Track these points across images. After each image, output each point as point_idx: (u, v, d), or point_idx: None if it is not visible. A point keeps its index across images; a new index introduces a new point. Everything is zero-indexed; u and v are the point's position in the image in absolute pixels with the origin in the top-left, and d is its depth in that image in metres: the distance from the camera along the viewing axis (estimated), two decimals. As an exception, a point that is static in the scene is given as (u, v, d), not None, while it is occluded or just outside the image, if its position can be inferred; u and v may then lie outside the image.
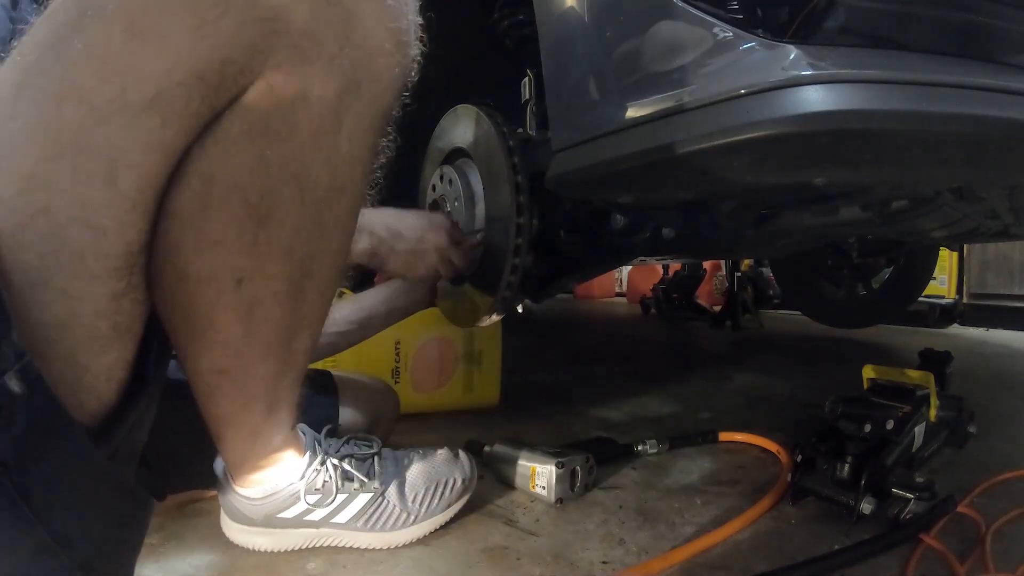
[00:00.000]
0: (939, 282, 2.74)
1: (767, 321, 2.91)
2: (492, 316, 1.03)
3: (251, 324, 0.48)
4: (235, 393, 0.54)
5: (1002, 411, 1.26)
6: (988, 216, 1.00)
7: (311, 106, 0.42)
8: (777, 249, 1.49)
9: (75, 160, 0.35)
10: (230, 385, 0.53)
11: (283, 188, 0.44)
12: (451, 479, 0.74)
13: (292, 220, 0.45)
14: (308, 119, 0.42)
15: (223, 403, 0.54)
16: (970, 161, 0.65)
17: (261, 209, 0.43)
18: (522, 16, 0.93)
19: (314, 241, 0.48)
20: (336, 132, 0.44)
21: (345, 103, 0.43)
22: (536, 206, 0.94)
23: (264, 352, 0.51)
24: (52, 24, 0.36)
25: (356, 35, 0.42)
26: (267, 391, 0.55)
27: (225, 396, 0.54)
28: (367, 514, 0.68)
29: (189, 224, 0.42)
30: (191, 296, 0.45)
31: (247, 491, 0.64)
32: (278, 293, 0.48)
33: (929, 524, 0.68)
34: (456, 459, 0.76)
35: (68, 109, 0.35)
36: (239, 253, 0.44)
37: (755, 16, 0.57)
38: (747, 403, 1.40)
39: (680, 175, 0.69)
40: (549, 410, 1.31)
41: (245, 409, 0.56)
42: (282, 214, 0.45)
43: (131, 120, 0.36)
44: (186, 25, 0.35)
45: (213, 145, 0.40)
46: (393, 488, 0.70)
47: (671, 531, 0.73)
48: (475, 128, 0.99)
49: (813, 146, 0.56)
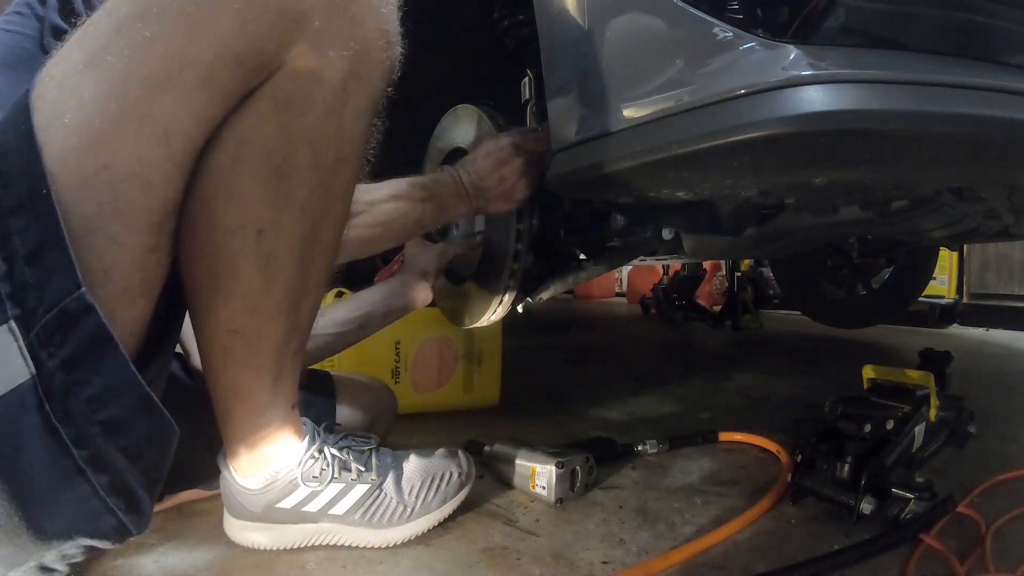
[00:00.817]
0: (939, 282, 2.74)
1: (767, 321, 2.92)
2: (492, 316, 1.03)
3: (267, 277, 0.55)
4: (247, 357, 0.59)
5: (1002, 411, 1.26)
6: (988, 216, 1.00)
7: (324, 87, 0.51)
8: (777, 249, 1.49)
9: (138, 126, 0.44)
10: (244, 347, 0.58)
11: (300, 152, 0.52)
12: (448, 472, 0.74)
13: (307, 181, 0.54)
14: (322, 97, 0.51)
15: (234, 369, 0.59)
16: (970, 161, 0.65)
17: (283, 169, 0.52)
18: (522, 16, 0.93)
19: (323, 204, 0.56)
20: (342, 110, 0.53)
21: (349, 87, 0.52)
22: (536, 207, 0.94)
23: (276, 310, 0.57)
24: (116, 17, 0.45)
25: (359, 33, 0.51)
26: (275, 358, 0.60)
27: (237, 361, 0.59)
28: (364, 506, 0.68)
29: (223, 179, 0.51)
30: (218, 246, 0.53)
31: (247, 480, 0.65)
32: (292, 249, 0.55)
33: (929, 524, 0.68)
34: (454, 456, 0.77)
35: (134, 85, 0.44)
36: (263, 206, 0.53)
37: (755, 16, 0.57)
38: (747, 403, 1.40)
39: (680, 175, 0.69)
40: (549, 410, 1.31)
41: (254, 378, 0.60)
42: (299, 175, 0.53)
43: (185, 95, 0.45)
44: (233, 22, 0.45)
45: (246, 116, 0.49)
46: (390, 480, 0.71)
47: (671, 531, 0.73)
48: (475, 128, 0.99)
49: (813, 146, 0.56)
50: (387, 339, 1.21)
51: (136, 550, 0.68)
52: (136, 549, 0.68)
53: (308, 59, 0.49)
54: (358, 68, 0.52)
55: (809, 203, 0.93)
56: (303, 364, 0.66)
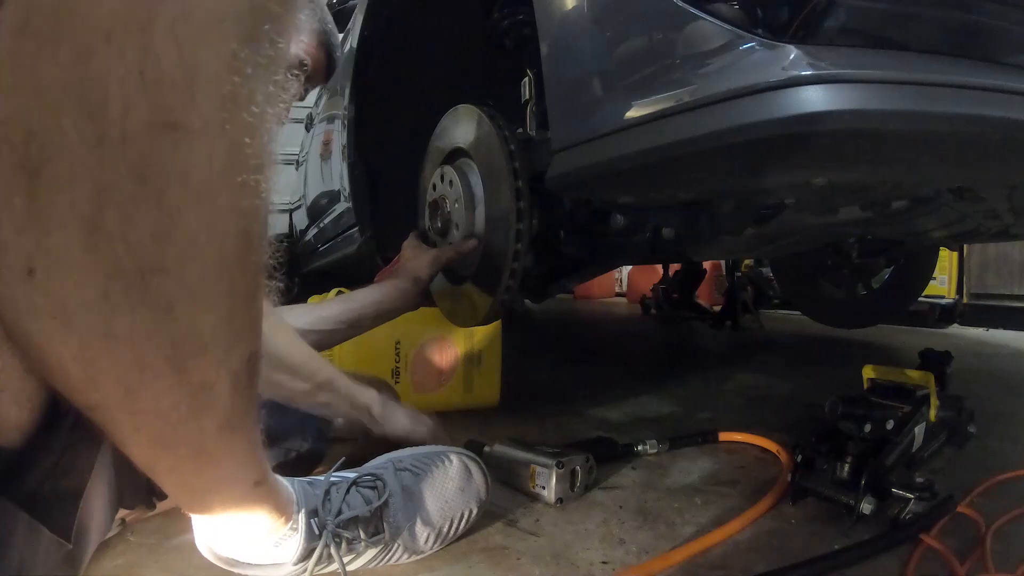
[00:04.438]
0: (939, 282, 2.75)
1: (767, 321, 2.91)
2: (492, 316, 1.03)
3: (81, 340, 0.31)
4: (129, 435, 0.36)
5: (1002, 411, 1.26)
6: (988, 216, 1.00)
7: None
8: (777, 249, 1.49)
9: None
10: (114, 427, 0.36)
11: (63, 120, 0.27)
12: (465, 511, 0.69)
13: (88, 174, 0.28)
14: (89, 10, 0.26)
15: (127, 446, 0.37)
16: (970, 161, 0.65)
17: (31, 155, 0.27)
18: (522, 16, 0.93)
19: (142, 212, 0.29)
20: (147, 32, 0.27)
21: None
22: (536, 207, 0.94)
23: (131, 383, 0.33)
24: None
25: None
26: (179, 436, 0.37)
27: (121, 438, 0.37)
28: (375, 562, 0.63)
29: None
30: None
31: (221, 549, 0.55)
32: (107, 293, 0.30)
33: (929, 524, 0.68)
34: (470, 477, 0.71)
35: None
36: (11, 225, 0.28)
37: (755, 16, 0.57)
38: (747, 403, 1.40)
39: (680, 175, 0.69)
40: (549, 410, 1.31)
41: (162, 455, 0.39)
42: (69, 164, 0.27)
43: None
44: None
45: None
46: (404, 534, 0.64)
47: (671, 531, 0.73)
48: (475, 128, 0.99)
49: (813, 146, 0.56)
50: (387, 339, 1.21)
51: (136, 550, 0.68)
52: (136, 549, 0.68)
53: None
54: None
55: (809, 203, 0.93)
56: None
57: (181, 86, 0.28)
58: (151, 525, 0.74)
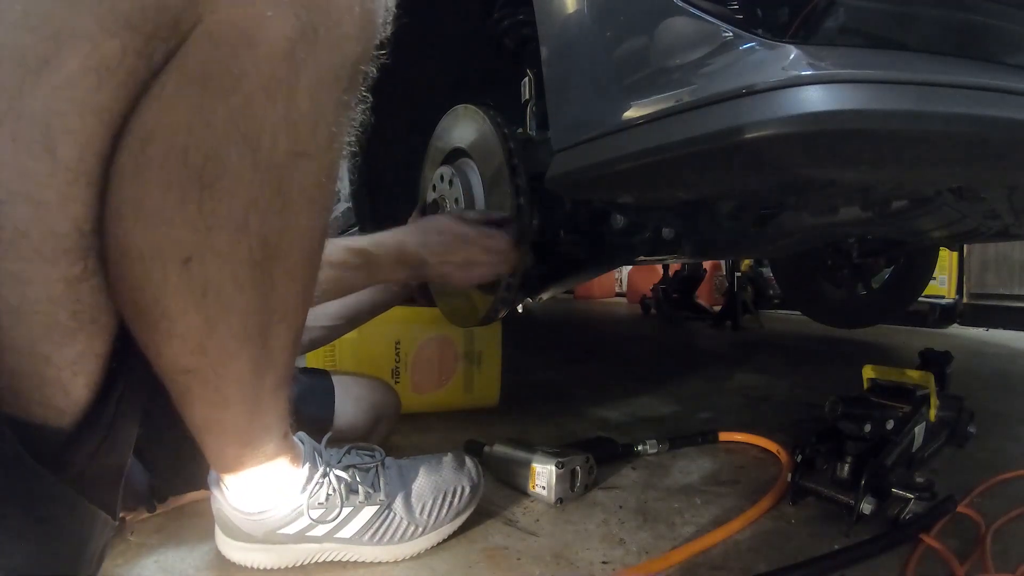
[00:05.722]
0: (939, 282, 2.74)
1: (767, 321, 2.92)
2: (492, 316, 1.03)
3: (209, 313, 0.42)
4: (208, 396, 0.47)
5: (1002, 411, 1.26)
6: (988, 216, 1.00)
7: (258, 52, 0.36)
8: (777, 249, 1.49)
9: (14, 127, 0.32)
10: (200, 387, 0.46)
11: (230, 149, 0.38)
12: (459, 487, 0.71)
13: (244, 189, 0.39)
14: (256, 68, 0.37)
15: (197, 406, 0.48)
16: (970, 161, 0.65)
17: (205, 174, 0.38)
18: (522, 16, 0.93)
19: (275, 216, 0.42)
20: (292, 85, 0.38)
21: (301, 51, 0.38)
22: (536, 207, 0.94)
23: (232, 348, 0.45)
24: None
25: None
26: (245, 394, 0.48)
27: (198, 399, 0.47)
28: (373, 527, 0.65)
29: (129, 192, 0.37)
30: (137, 277, 0.39)
31: (243, 504, 0.61)
32: (236, 276, 0.42)
33: (929, 524, 0.68)
34: (462, 466, 0.74)
35: (5, 71, 0.32)
36: (183, 226, 0.39)
37: (755, 16, 0.57)
38: (747, 403, 1.40)
39: (680, 175, 0.69)
40: (549, 410, 1.31)
41: (223, 414, 0.49)
42: (231, 181, 0.39)
43: (65, 82, 0.33)
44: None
45: (150, 101, 0.36)
46: (399, 499, 0.67)
47: (671, 531, 0.73)
48: (475, 128, 0.99)
49: (813, 146, 0.56)
50: (387, 339, 1.21)
51: (136, 550, 0.68)
52: (136, 549, 0.68)
53: (229, 11, 0.35)
54: (312, 22, 0.38)
55: (809, 203, 0.93)
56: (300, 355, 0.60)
57: (310, 125, 0.40)
58: (151, 525, 0.74)
